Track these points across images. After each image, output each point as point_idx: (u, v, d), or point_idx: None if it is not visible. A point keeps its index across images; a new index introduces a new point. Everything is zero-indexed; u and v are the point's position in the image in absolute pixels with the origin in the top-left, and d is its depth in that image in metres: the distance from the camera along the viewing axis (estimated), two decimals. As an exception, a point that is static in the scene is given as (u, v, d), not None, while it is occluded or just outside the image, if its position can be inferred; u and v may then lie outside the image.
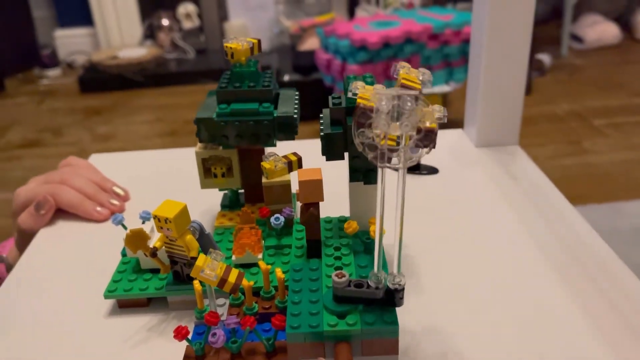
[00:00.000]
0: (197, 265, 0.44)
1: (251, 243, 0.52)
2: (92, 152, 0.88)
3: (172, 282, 0.51)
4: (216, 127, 0.56)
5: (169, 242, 0.49)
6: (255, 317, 0.48)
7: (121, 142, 2.47)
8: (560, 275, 0.54)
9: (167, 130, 2.58)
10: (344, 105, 0.49)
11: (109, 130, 2.59)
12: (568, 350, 0.45)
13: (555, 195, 0.67)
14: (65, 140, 2.52)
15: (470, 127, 0.81)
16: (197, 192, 0.62)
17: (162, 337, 0.49)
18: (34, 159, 2.36)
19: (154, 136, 2.53)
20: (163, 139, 2.49)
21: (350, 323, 0.42)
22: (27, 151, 2.43)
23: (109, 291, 0.52)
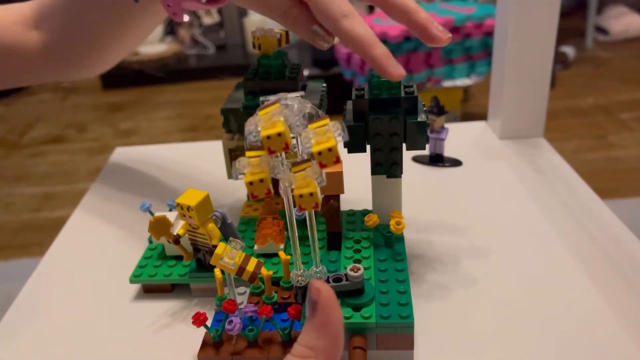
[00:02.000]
0: (216, 253, 0.44)
1: (273, 233, 0.53)
2: (114, 147, 0.89)
3: (195, 270, 0.52)
4: (242, 118, 0.56)
5: (192, 230, 0.50)
6: (274, 307, 0.48)
7: (143, 137, 2.50)
8: (588, 270, 0.53)
9: (188, 125, 2.60)
10: (367, 97, 0.49)
11: (131, 126, 2.63)
12: (596, 346, 0.45)
13: (583, 188, 0.66)
14: (89, 136, 2.56)
15: (494, 119, 0.81)
16: (224, 183, 0.63)
17: (184, 323, 0.50)
18: (58, 155, 2.40)
19: (175, 131, 2.56)
20: (184, 134, 2.51)
21: (365, 316, 0.42)
22: (51, 147, 2.47)
23: (134, 276, 0.53)
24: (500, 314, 0.48)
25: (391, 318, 0.42)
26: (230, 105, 0.57)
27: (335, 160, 0.33)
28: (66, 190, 2.10)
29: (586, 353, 0.44)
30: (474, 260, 0.55)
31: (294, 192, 0.33)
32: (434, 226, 0.61)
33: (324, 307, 0.32)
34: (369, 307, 0.43)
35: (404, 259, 0.48)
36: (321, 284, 0.32)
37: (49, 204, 2.02)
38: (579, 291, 0.50)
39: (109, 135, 2.57)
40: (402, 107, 0.49)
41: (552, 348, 0.44)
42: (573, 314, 0.48)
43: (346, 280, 0.43)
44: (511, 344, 0.45)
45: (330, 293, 0.32)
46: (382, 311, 0.42)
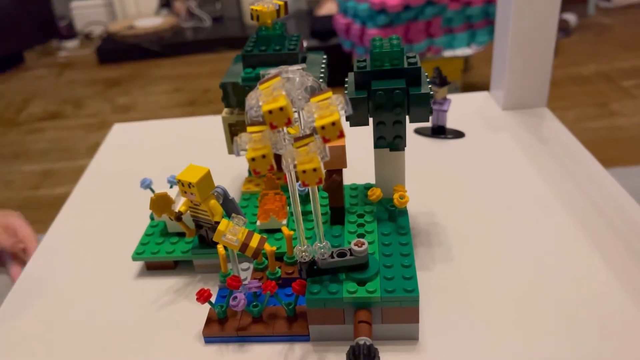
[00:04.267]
0: (219, 229, 0.44)
1: (275, 209, 0.52)
2: (112, 124, 0.88)
3: (198, 246, 0.52)
4: (242, 92, 0.55)
5: (194, 206, 0.49)
6: (278, 282, 0.48)
7: (141, 112, 2.48)
8: (591, 240, 0.53)
9: (186, 100, 2.57)
10: (369, 69, 0.48)
11: (129, 101, 2.60)
12: (600, 314, 0.45)
13: (587, 158, 0.65)
14: (86, 112, 2.54)
15: (496, 90, 0.79)
16: (224, 158, 0.62)
17: (188, 299, 0.50)
18: (56, 131, 2.39)
19: (173, 106, 2.53)
20: (183, 109, 2.49)
21: (370, 290, 0.42)
22: (49, 123, 2.45)
23: (137, 253, 0.52)
24: (504, 286, 0.48)
25: (396, 292, 0.42)
26: (229, 79, 0.56)
27: (339, 134, 0.32)
28: (65, 167, 2.09)
29: (586, 312, 0.44)
30: (477, 233, 0.55)
31: (297, 167, 0.32)
32: (437, 199, 0.60)
33: None
34: (374, 282, 0.42)
35: (408, 232, 0.48)
36: None
37: (49, 181, 2.02)
38: (583, 261, 0.50)
39: (106, 110, 2.54)
40: (404, 78, 0.48)
41: (555, 319, 0.44)
42: (576, 284, 0.48)
43: (350, 255, 0.43)
44: (515, 317, 0.45)
45: None
46: (386, 285, 0.42)
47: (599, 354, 0.41)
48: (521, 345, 0.42)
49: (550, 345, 0.42)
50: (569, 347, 0.42)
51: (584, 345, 0.42)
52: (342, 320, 0.43)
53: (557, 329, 0.44)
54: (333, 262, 0.43)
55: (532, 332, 0.43)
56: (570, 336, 0.43)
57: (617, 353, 0.41)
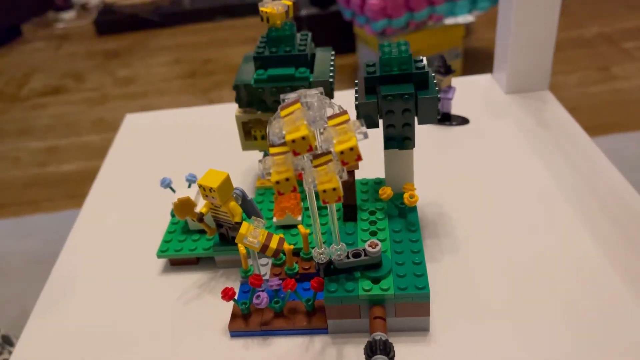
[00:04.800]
0: (240, 233, 0.47)
1: (291, 206, 0.55)
2: (114, 97, 0.90)
3: (219, 243, 0.55)
4: (254, 92, 0.57)
5: (215, 208, 0.52)
6: (296, 277, 0.52)
7: (142, 85, 2.48)
8: (593, 229, 0.56)
9: (187, 71, 2.57)
10: (378, 74, 0.50)
11: (129, 74, 2.59)
12: (601, 301, 0.48)
13: (590, 146, 0.68)
14: (87, 85, 2.53)
15: (500, 73, 0.81)
16: (237, 151, 0.65)
17: (212, 294, 0.53)
18: (58, 106, 2.39)
19: (174, 78, 2.53)
20: (184, 81, 2.49)
21: (384, 288, 0.45)
22: (51, 99, 2.46)
23: (161, 251, 0.56)
24: (511, 278, 0.51)
25: (408, 289, 0.45)
26: (242, 80, 0.58)
27: (356, 158, 0.34)
28: (71, 143, 2.11)
29: (588, 298, 0.47)
30: (484, 224, 0.58)
31: (318, 187, 0.35)
32: (443, 188, 0.63)
33: None
34: (387, 279, 0.46)
35: (418, 229, 0.51)
36: None
37: (55, 158, 2.04)
38: (586, 251, 0.53)
39: (107, 84, 2.54)
40: (413, 82, 0.50)
41: (562, 312, 0.48)
42: (580, 276, 0.51)
43: (365, 256, 0.46)
44: (522, 308, 0.48)
45: None
46: (399, 283, 0.45)
47: (605, 346, 0.45)
48: (527, 336, 0.46)
49: (557, 337, 0.46)
50: (575, 339, 0.45)
51: (592, 339, 0.45)
52: (358, 315, 0.46)
53: (564, 321, 0.47)
54: (348, 263, 0.46)
55: (538, 323, 0.47)
56: (578, 328, 0.46)
57: (619, 344, 0.45)
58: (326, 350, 0.47)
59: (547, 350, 0.45)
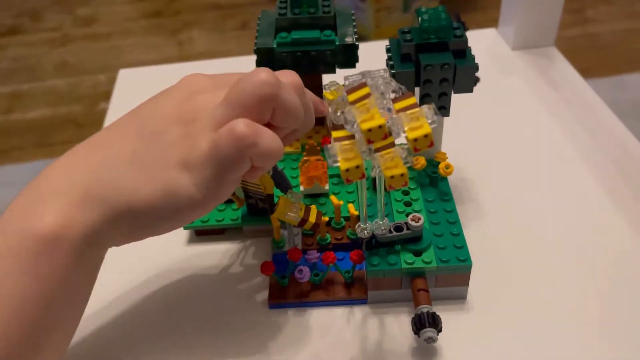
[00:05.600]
0: (280, 208, 0.46)
1: (319, 175, 0.55)
2: (76, 38, 0.86)
3: (247, 214, 0.54)
4: (277, 57, 0.55)
5: (244, 180, 0.51)
6: (329, 247, 0.52)
7: (105, 25, 2.35)
8: (605, 187, 0.57)
9: (152, 10, 2.44)
10: (415, 41, 0.48)
11: (90, 13, 2.45)
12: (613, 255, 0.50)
13: (598, 103, 0.69)
14: (46, 25, 2.38)
15: (506, 27, 0.80)
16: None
17: (243, 265, 0.53)
18: (17, 48, 2.25)
19: (139, 17, 2.40)
20: (149, 21, 2.37)
21: (426, 261, 0.46)
22: (8, 40, 2.31)
23: (187, 224, 0.54)
24: (534, 244, 0.53)
25: (450, 262, 0.46)
26: (263, 43, 0.55)
27: (429, 144, 0.34)
28: (34, 88, 2.01)
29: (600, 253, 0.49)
30: (508, 189, 0.58)
31: (385, 173, 0.34)
32: (461, 152, 0.63)
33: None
34: (429, 252, 0.46)
35: (451, 199, 0.51)
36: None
37: (19, 104, 1.94)
38: (601, 212, 0.55)
39: (67, 23, 2.39)
40: (451, 50, 0.48)
41: (572, 260, 0.50)
42: (594, 231, 0.53)
43: (407, 230, 0.46)
44: (540, 262, 0.50)
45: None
46: (441, 255, 0.46)
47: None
48: (558, 299, 0.48)
49: (586, 305, 0.48)
50: (605, 307, 0.48)
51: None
52: (399, 286, 0.47)
53: (590, 287, 0.49)
54: (391, 237, 0.46)
55: (570, 289, 0.49)
56: (606, 296, 0.48)
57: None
58: (367, 320, 0.47)
59: (576, 313, 0.47)
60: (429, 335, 0.42)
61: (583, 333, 0.45)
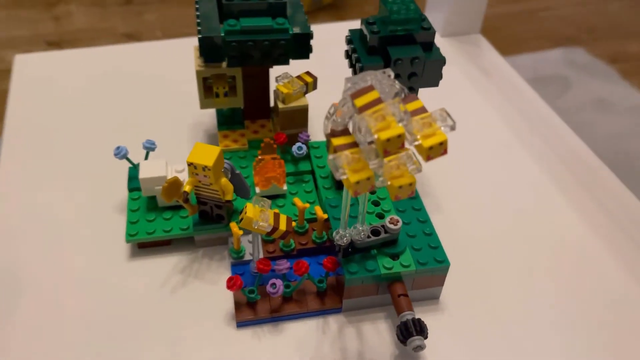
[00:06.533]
0: (248, 217, 0.42)
1: (277, 176, 0.51)
2: None
3: (199, 222, 0.49)
4: (226, 46, 0.50)
5: (202, 185, 0.46)
6: (292, 253, 0.48)
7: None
8: (545, 170, 0.59)
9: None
10: (381, 33, 0.46)
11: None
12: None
13: (526, 89, 0.71)
14: None
15: (434, 13, 0.80)
16: (173, 101, 0.58)
17: (199, 279, 0.48)
18: None
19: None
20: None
21: (405, 265, 0.44)
22: None
23: (130, 235, 0.48)
24: (494, 234, 0.53)
25: (429, 264, 0.44)
26: (210, 32, 0.49)
27: (442, 152, 0.31)
28: None
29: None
30: (463, 183, 0.58)
31: (392, 183, 0.32)
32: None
33: None
34: (405, 255, 0.45)
35: (418, 196, 0.50)
36: None
37: None
38: (543, 191, 0.57)
39: None
40: (418, 44, 0.46)
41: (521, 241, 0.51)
42: (548, 226, 0.55)
43: (385, 233, 0.44)
44: (509, 266, 0.51)
45: None
46: (418, 257, 0.44)
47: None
48: (527, 292, 0.49)
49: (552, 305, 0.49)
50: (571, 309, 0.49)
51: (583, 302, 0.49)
52: (376, 292, 0.45)
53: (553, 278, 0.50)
54: (369, 242, 0.44)
55: (536, 285, 0.50)
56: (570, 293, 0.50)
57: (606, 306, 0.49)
58: (344, 330, 0.45)
59: (543, 314, 0.48)
60: (418, 344, 0.41)
61: (555, 328, 0.46)
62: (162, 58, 0.73)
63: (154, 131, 0.61)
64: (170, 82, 0.69)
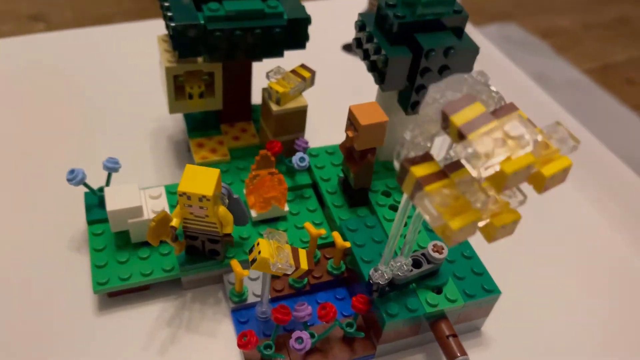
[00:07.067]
0: (263, 258, 0.33)
1: (278, 196, 0.41)
2: None
3: (187, 259, 0.39)
4: (206, 36, 0.39)
5: (193, 218, 0.36)
6: (305, 289, 0.40)
7: None
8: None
9: None
10: (407, 18, 0.37)
11: None
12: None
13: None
14: None
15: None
16: (128, 100, 0.47)
17: (192, 330, 0.38)
18: None
19: None
20: None
21: (451, 299, 0.37)
22: None
23: (99, 283, 0.37)
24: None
25: (477, 295, 0.37)
26: (185, 18, 0.39)
27: (562, 180, 0.24)
28: None
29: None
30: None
31: (493, 222, 0.24)
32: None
33: None
34: (449, 286, 0.37)
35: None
36: None
37: None
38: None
39: None
40: (449, 29, 0.39)
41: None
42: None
43: (428, 263, 0.36)
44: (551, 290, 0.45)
45: None
46: (465, 287, 0.37)
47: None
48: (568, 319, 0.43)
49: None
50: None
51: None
52: (417, 331, 0.38)
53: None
54: (411, 276, 0.36)
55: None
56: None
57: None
58: (381, 382, 0.37)
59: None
60: (481, 396, 0.34)
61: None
62: (97, 48, 0.61)
63: (103, 142, 0.50)
64: (112, 78, 0.57)
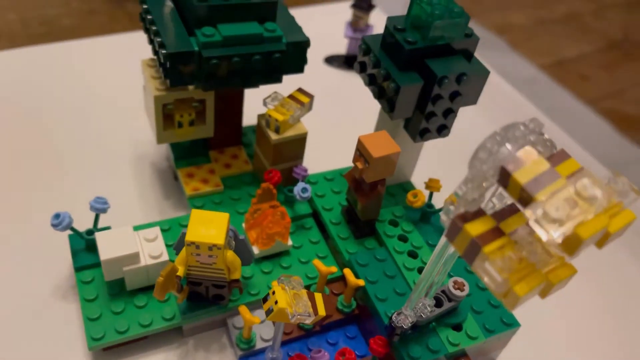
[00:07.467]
0: (281, 309, 0.30)
1: (282, 231, 0.39)
2: None
3: (188, 307, 0.36)
4: (203, 64, 0.36)
5: (199, 265, 0.33)
6: (315, 329, 0.38)
7: None
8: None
9: None
10: (420, 44, 0.35)
11: None
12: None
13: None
14: None
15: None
16: (101, 124, 0.44)
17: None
18: None
19: None
20: None
21: (472, 336, 0.35)
22: None
23: (93, 338, 0.34)
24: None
25: (497, 330, 0.36)
26: (180, 46, 0.36)
27: (619, 235, 0.22)
28: None
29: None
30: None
31: (550, 278, 0.22)
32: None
33: None
34: (469, 322, 0.36)
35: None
36: None
37: None
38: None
39: None
40: (459, 53, 0.37)
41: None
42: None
43: (449, 301, 0.35)
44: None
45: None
46: (485, 322, 0.36)
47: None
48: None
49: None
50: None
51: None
52: (437, 371, 0.36)
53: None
54: (432, 316, 0.34)
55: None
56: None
57: None
58: None
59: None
60: None
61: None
62: (52, 68, 0.56)
63: (80, 177, 0.46)
64: (79, 101, 0.53)
